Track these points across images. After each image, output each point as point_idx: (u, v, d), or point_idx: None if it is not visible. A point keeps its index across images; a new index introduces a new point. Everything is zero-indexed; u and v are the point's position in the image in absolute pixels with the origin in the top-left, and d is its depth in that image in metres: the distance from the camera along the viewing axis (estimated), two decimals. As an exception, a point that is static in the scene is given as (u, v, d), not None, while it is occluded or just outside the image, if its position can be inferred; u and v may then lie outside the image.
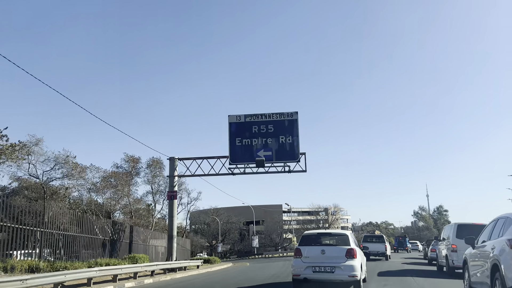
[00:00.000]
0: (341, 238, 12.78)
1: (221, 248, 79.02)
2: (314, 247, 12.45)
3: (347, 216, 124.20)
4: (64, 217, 20.57)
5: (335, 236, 13.37)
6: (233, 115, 28.15)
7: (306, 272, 11.90)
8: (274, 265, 31.02)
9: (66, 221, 20.45)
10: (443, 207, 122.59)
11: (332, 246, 12.60)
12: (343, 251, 11.94)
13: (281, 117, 27.89)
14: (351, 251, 11.92)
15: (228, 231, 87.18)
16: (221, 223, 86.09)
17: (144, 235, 31.67)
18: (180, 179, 47.12)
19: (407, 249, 53.32)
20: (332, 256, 11.94)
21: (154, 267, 20.87)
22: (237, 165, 27.75)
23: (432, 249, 26.40)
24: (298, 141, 27.45)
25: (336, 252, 12.05)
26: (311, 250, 12.30)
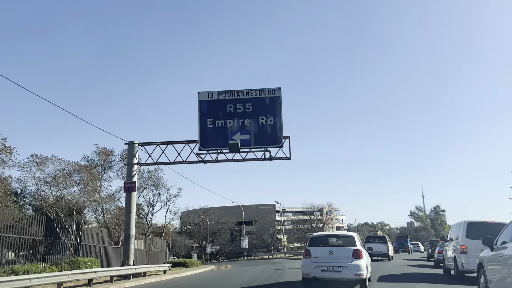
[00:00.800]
0: (348, 239, 13.18)
1: (210, 249, 74.07)
2: (322, 247, 12.84)
3: (342, 216, 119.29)
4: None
5: (342, 238, 13.68)
6: (204, 91, 23.26)
7: (315, 272, 12.30)
8: (255, 269, 26.86)
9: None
10: (440, 207, 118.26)
11: (339, 247, 12.97)
12: (350, 252, 12.36)
13: (261, 93, 23.01)
14: (358, 252, 12.36)
15: (218, 232, 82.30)
16: (211, 223, 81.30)
17: (105, 236, 26.94)
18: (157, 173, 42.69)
19: (409, 250, 50.33)
20: (339, 256, 12.35)
21: (91, 274, 15.91)
22: (208, 151, 22.86)
23: (440, 250, 23.99)
24: (281, 122, 22.62)
25: (343, 253, 12.46)
26: (320, 250, 12.68)
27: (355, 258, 12.29)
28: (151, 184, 41.46)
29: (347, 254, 12.39)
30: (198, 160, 23.00)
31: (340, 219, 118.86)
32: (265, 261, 40.21)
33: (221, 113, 22.83)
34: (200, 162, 23.06)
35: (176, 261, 34.30)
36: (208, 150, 22.73)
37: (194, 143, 22.98)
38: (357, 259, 12.29)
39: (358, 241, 13.19)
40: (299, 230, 74.59)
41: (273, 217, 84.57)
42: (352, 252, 12.38)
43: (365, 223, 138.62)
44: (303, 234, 74.66)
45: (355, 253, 12.35)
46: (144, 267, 21.61)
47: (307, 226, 74.52)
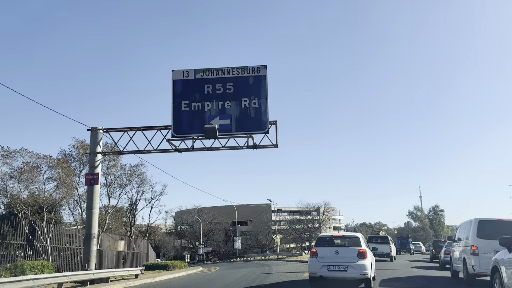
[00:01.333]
0: (353, 240, 13.34)
1: (203, 250, 70.82)
2: (328, 248, 13.04)
3: (340, 216, 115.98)
4: None
5: (348, 238, 13.70)
6: (178, 70, 20.07)
7: (322, 271, 12.50)
8: (240, 272, 24.21)
9: None
10: (439, 207, 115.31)
11: (345, 247, 13.06)
12: (355, 252, 12.59)
13: (244, 72, 19.84)
14: (363, 252, 12.59)
15: (211, 232, 79.04)
16: (205, 224, 78.15)
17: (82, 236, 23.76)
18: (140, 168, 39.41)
19: (410, 251, 48.04)
20: (345, 256, 12.57)
21: (25, 283, 12.70)
22: (183, 138, 19.71)
23: (447, 251, 22.63)
24: (266, 105, 19.48)
25: (348, 253, 12.66)
26: (326, 250, 12.89)
27: (360, 258, 12.45)
28: (133, 180, 38.18)
29: (353, 254, 12.55)
30: (172, 149, 19.84)
31: (337, 219, 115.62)
32: (256, 263, 37.07)
33: (198, 94, 19.68)
34: (173, 150, 19.90)
35: (156, 263, 31.07)
36: (182, 137, 19.56)
37: (167, 129, 19.83)
38: (362, 259, 12.45)
39: (363, 241, 13.34)
40: (294, 230, 71.36)
41: (268, 217, 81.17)
42: (358, 252, 12.53)
43: (362, 223, 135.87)
44: (299, 234, 71.57)
45: (360, 253, 12.51)
46: (107, 272, 18.37)
47: (303, 226, 71.43)
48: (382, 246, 31.02)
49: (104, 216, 37.10)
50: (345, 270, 12.34)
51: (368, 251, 13.17)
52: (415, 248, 54.17)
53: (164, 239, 70.32)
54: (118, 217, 42.29)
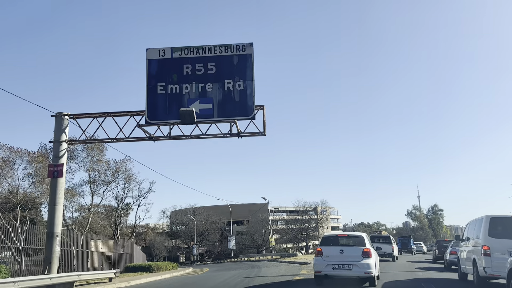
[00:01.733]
0: (358, 239, 13.40)
1: (197, 250, 68.40)
2: (333, 247, 13.04)
3: (338, 216, 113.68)
4: None
5: (352, 238, 13.69)
6: (153, 48, 17.74)
7: (327, 269, 12.57)
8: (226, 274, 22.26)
9: None
10: (438, 207, 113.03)
11: (349, 246, 13.05)
12: (360, 251, 12.64)
13: (227, 51, 17.51)
14: (367, 251, 12.65)
15: (207, 232, 76.60)
16: (200, 223, 75.79)
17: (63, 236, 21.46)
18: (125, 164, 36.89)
19: (412, 251, 46.03)
20: (349, 255, 12.59)
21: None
22: (158, 124, 17.40)
23: (453, 251, 21.35)
24: (253, 88, 17.18)
25: (353, 252, 12.69)
26: (331, 250, 12.93)
27: (365, 257, 12.47)
28: (118, 177, 35.73)
29: (357, 253, 12.56)
30: (146, 137, 17.50)
31: (335, 218, 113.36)
32: (248, 264, 34.77)
33: (175, 75, 17.38)
34: (148, 139, 17.54)
35: (140, 265, 28.71)
36: (157, 123, 17.24)
37: (141, 115, 17.51)
38: (367, 258, 12.48)
39: (367, 241, 13.38)
40: (291, 230, 68.97)
41: (264, 216, 78.78)
42: (362, 252, 12.56)
43: (361, 223, 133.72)
44: (295, 234, 69.19)
45: (364, 253, 12.53)
46: (70, 276, 15.95)
47: (300, 225, 68.98)
48: (384, 246, 30.21)
49: (87, 215, 34.76)
50: (350, 268, 12.34)
51: (372, 251, 13.17)
52: (417, 248, 52.57)
53: (155, 239, 67.67)
54: (106, 216, 39.96)
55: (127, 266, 28.25)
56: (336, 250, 12.82)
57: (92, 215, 34.79)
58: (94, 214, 38.39)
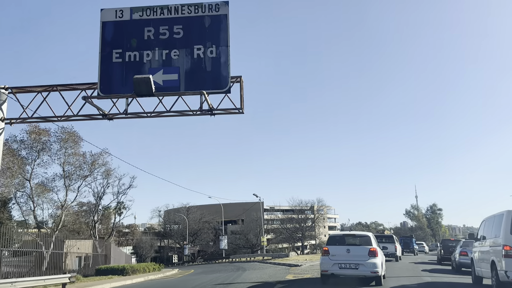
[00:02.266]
0: (364, 239, 13.24)
1: (188, 250, 65.21)
2: (340, 246, 12.88)
3: (335, 215, 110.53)
4: None
5: (359, 237, 13.61)
6: (109, 9, 14.57)
7: (333, 268, 12.46)
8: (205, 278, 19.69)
9: None
10: (436, 206, 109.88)
11: (356, 245, 12.88)
12: (366, 250, 12.47)
13: (197, 11, 14.36)
14: (374, 250, 12.48)
15: (199, 231, 73.34)
16: (193, 222, 72.63)
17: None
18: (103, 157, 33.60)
19: (414, 251, 43.83)
20: (356, 254, 12.40)
21: None
22: (112, 98, 14.26)
23: (463, 251, 19.60)
24: (227, 55, 14.05)
25: (360, 251, 12.51)
26: (338, 249, 12.74)
27: (371, 256, 12.34)
28: (95, 170, 32.45)
29: (364, 253, 12.43)
30: (99, 114, 14.33)
31: (333, 218, 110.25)
32: (234, 266, 31.65)
33: (134, 40, 14.26)
34: (100, 116, 14.37)
35: (112, 267, 25.53)
36: (111, 96, 14.11)
37: (93, 89, 14.39)
38: (373, 257, 12.36)
39: (374, 240, 13.25)
40: (286, 229, 65.72)
41: (259, 215, 75.52)
42: (368, 251, 12.44)
43: (358, 223, 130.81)
44: (290, 233, 65.93)
45: (371, 252, 12.41)
46: (4, 283, 12.84)
47: (295, 225, 65.63)
48: (388, 246, 28.87)
49: (60, 212, 31.57)
50: (356, 268, 12.23)
51: (379, 250, 13.00)
52: (419, 248, 50.25)
53: (142, 239, 64.29)
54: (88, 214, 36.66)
55: (98, 269, 25.13)
56: (343, 249, 12.68)
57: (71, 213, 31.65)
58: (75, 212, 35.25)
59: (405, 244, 42.75)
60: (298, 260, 29.15)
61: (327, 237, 78.56)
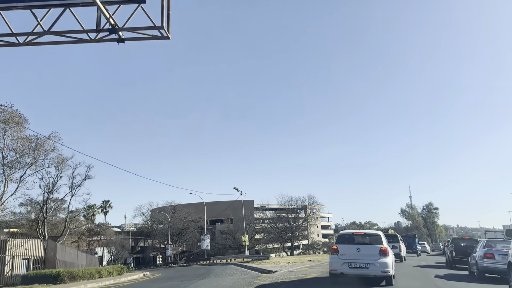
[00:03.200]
0: (375, 237, 12.72)
1: (170, 251, 59.67)
2: (349, 245, 12.40)
3: (328, 214, 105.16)
4: None
5: (369, 236, 13.08)
6: None
7: (343, 268, 11.95)
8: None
9: None
10: (432, 205, 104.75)
11: (366, 244, 12.46)
12: (377, 250, 12.01)
13: None
14: (384, 250, 12.01)
15: (184, 231, 67.71)
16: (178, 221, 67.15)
17: None
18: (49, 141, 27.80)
19: (417, 252, 41.02)
20: (366, 253, 11.95)
21: None
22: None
23: (488, 253, 15.48)
24: None
25: (370, 250, 12.06)
26: (347, 248, 12.29)
27: (382, 256, 11.85)
28: (40, 156, 26.75)
29: (374, 252, 11.97)
30: None
31: (326, 217, 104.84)
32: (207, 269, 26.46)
33: None
34: None
35: (43, 273, 20.05)
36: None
37: None
38: (384, 256, 11.85)
39: (384, 239, 12.73)
40: (274, 228, 60.28)
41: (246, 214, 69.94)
42: (379, 250, 11.97)
43: (352, 223, 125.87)
44: (279, 233, 60.40)
45: (382, 251, 11.94)
46: None
47: (285, 224, 60.03)
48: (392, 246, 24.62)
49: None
50: (367, 267, 11.74)
51: (389, 249, 12.48)
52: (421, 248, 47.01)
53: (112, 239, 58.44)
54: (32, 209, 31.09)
55: (25, 275, 19.66)
56: (353, 249, 12.13)
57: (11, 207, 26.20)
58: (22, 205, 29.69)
59: (408, 244, 39.34)
60: (278, 264, 23.74)
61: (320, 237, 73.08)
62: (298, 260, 27.22)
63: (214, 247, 65.20)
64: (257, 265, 23.58)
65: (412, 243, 41.14)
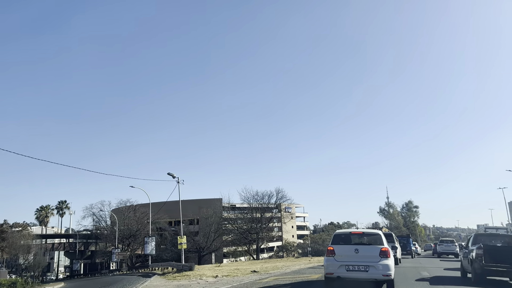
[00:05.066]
0: (374, 237, 11.23)
1: (117, 256, 49.20)
2: (347, 246, 10.93)
3: (304, 214, 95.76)
4: None
5: (368, 236, 11.58)
6: None
7: (340, 271, 10.47)
8: None
9: None
10: (412, 203, 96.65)
11: (365, 245, 10.97)
12: (377, 251, 10.54)
13: None
14: (385, 251, 10.54)
15: (138, 233, 57.23)
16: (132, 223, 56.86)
17: None
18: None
19: (412, 253, 36.72)
20: (365, 255, 10.48)
21: None
22: None
23: None
24: None
25: (369, 252, 10.60)
26: (344, 249, 10.79)
27: (383, 257, 10.35)
28: None
29: (374, 253, 10.46)
30: None
31: (301, 216, 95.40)
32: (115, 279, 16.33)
33: None
34: None
35: None
36: None
37: None
38: (385, 258, 10.35)
39: (384, 239, 11.17)
40: (237, 228, 50.31)
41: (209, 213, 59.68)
42: (380, 251, 10.45)
43: (330, 223, 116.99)
44: (242, 234, 50.19)
45: (382, 252, 10.42)
46: None
47: (253, 225, 49.60)
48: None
49: None
50: (366, 270, 10.18)
51: (390, 250, 10.84)
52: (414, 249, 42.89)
53: (18, 244, 46.84)
54: None
55: None
56: (351, 250, 10.54)
57: None
58: None
59: (403, 245, 34.33)
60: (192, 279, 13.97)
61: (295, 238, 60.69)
62: (240, 271, 17.60)
63: (170, 251, 54.98)
64: (164, 281, 13.81)
65: (406, 244, 36.49)
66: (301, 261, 31.32)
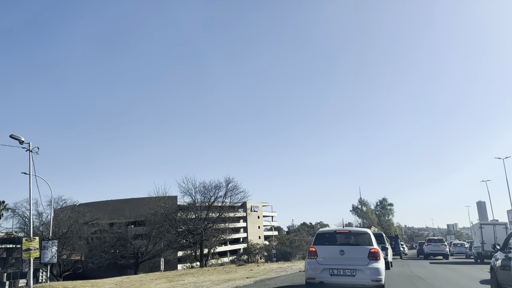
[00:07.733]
0: (362, 237, 9.40)
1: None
2: (331, 246, 9.17)
3: (273, 213, 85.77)
4: None
5: (355, 235, 9.65)
6: None
7: (323, 275, 8.73)
8: None
9: None
10: (387, 201, 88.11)
11: (352, 246, 9.17)
12: (365, 252, 8.80)
13: None
14: (375, 252, 8.81)
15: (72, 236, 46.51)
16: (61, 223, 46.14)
17: None
18: None
19: (401, 254, 34.39)
20: (352, 257, 8.78)
21: None
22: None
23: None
24: None
25: (357, 253, 8.87)
26: (328, 250, 9.07)
27: (372, 259, 8.67)
28: None
29: (362, 255, 8.76)
30: None
31: (269, 216, 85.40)
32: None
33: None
34: None
35: None
36: None
37: None
38: (374, 261, 8.67)
39: (374, 239, 9.38)
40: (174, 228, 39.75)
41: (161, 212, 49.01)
42: (368, 253, 8.76)
43: (303, 223, 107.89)
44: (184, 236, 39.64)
45: (371, 254, 8.74)
46: None
47: (192, 225, 38.88)
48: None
49: None
50: (353, 275, 8.52)
51: (380, 252, 9.08)
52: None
53: None
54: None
55: None
56: (335, 251, 8.86)
57: None
58: None
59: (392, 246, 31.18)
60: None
61: (262, 239, 46.56)
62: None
63: (102, 257, 44.38)
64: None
65: (395, 245, 34.06)
66: (239, 271, 20.38)
